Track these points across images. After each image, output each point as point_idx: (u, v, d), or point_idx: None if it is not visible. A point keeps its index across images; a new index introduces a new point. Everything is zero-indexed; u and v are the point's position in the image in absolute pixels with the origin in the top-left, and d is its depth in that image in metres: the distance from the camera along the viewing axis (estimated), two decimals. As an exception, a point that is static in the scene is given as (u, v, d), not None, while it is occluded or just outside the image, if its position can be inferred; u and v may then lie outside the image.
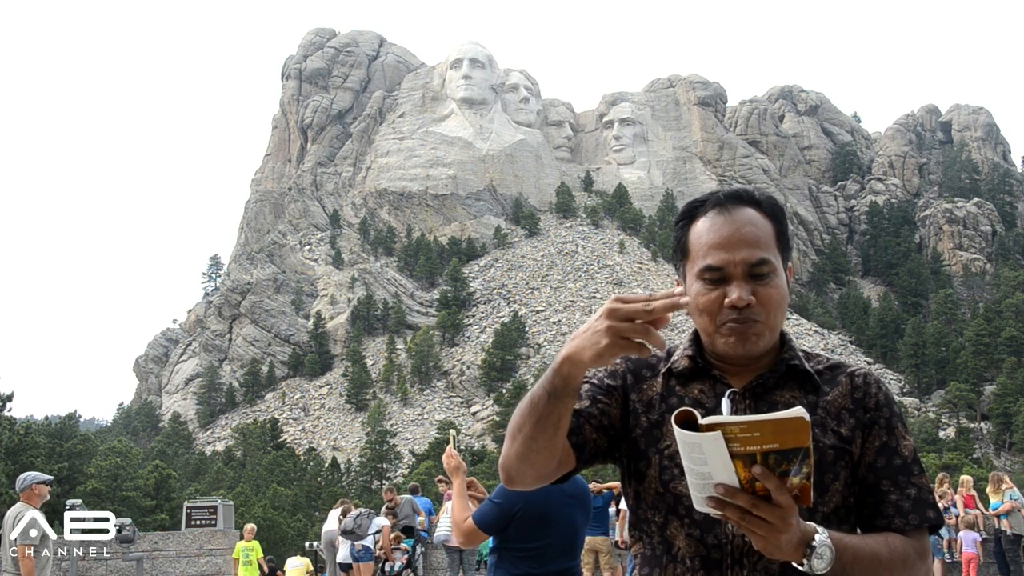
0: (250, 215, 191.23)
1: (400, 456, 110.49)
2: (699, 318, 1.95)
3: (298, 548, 38.73)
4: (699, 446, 1.52)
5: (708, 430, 1.51)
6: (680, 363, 2.02)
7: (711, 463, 1.53)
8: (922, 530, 1.86)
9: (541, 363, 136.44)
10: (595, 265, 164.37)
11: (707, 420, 1.52)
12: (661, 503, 1.93)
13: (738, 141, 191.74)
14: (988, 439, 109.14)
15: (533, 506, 4.59)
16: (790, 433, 1.50)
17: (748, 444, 1.50)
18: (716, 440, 1.50)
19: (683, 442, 1.55)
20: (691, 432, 1.52)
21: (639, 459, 1.98)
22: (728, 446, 1.51)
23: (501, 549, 4.66)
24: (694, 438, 1.52)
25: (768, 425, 1.50)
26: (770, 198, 2.02)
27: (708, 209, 1.98)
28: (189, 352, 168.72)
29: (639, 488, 1.98)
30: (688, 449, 1.55)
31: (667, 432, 1.93)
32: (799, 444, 1.51)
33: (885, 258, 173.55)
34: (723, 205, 1.96)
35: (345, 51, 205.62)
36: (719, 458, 1.52)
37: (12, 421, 47.40)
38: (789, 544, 1.60)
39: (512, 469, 1.91)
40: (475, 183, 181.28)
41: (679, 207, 2.19)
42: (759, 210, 1.97)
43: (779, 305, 1.91)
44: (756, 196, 2.00)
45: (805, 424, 1.50)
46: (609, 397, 2.01)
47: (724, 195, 1.99)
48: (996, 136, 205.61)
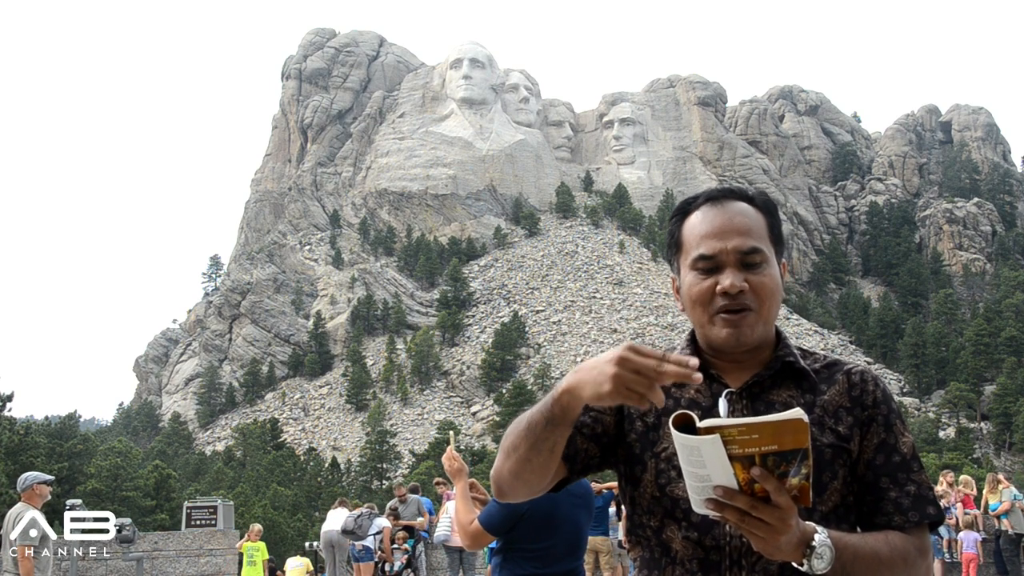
0: (250, 215, 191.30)
1: (400, 456, 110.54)
2: (693, 309, 1.96)
3: (298, 548, 38.77)
4: (697, 449, 1.52)
5: (706, 433, 1.50)
6: None
7: (709, 466, 1.53)
8: (922, 527, 1.86)
9: (541, 363, 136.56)
10: (595, 265, 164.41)
11: (705, 423, 1.52)
12: (657, 507, 1.92)
13: (738, 141, 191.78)
14: (988, 439, 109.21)
15: (539, 507, 4.55)
16: (789, 434, 1.50)
17: (746, 446, 1.50)
18: (714, 443, 1.50)
19: (681, 445, 1.54)
20: (689, 435, 1.52)
21: (635, 464, 1.97)
22: (726, 448, 1.50)
23: (506, 550, 4.63)
24: (692, 441, 1.51)
25: (767, 427, 1.50)
26: (762, 194, 2.04)
27: (701, 203, 2.01)
28: (189, 352, 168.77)
29: (634, 493, 1.98)
30: (686, 452, 1.54)
31: (664, 435, 1.93)
32: (798, 445, 1.51)
33: (885, 258, 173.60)
34: (716, 199, 1.99)
35: (345, 51, 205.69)
36: (717, 461, 1.52)
37: (12, 421, 47.45)
38: (789, 545, 1.60)
39: (505, 484, 1.93)
40: (475, 183, 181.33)
41: (679, 207, 2.27)
42: (751, 204, 1.99)
43: (772, 294, 1.91)
44: (748, 192, 2.03)
45: (804, 425, 1.50)
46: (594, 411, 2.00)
47: (716, 191, 2.03)
48: (996, 136, 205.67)
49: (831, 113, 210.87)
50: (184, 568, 19.16)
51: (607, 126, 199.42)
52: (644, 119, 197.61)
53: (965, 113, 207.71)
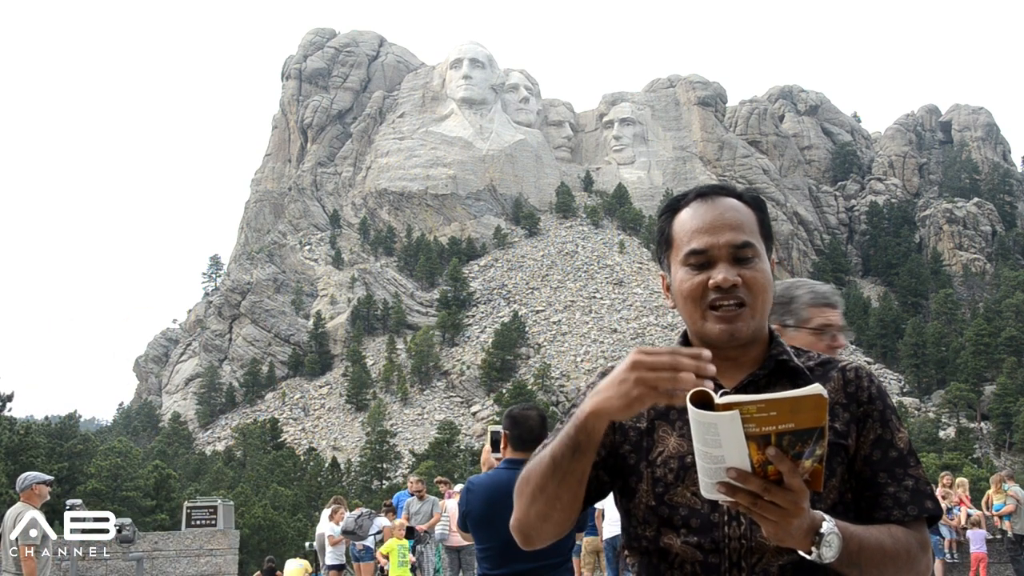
0: (250, 215, 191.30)
1: (400, 456, 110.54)
2: (685, 305, 1.95)
3: (298, 548, 38.80)
4: (715, 427, 1.49)
5: (725, 410, 1.48)
6: None
7: (725, 445, 1.50)
8: (921, 521, 1.86)
9: (541, 363, 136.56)
10: (595, 265, 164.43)
11: (724, 399, 1.49)
12: (653, 517, 1.89)
13: (738, 141, 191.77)
14: (988, 439, 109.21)
15: (478, 507, 4.66)
16: (808, 411, 1.48)
17: (764, 424, 1.48)
18: (733, 420, 1.47)
19: (697, 422, 1.51)
20: (707, 411, 1.49)
21: (629, 475, 1.94)
22: (743, 427, 1.48)
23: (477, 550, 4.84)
24: (710, 418, 1.49)
25: (786, 403, 1.47)
26: (751, 190, 2.04)
27: (691, 200, 2.01)
28: (189, 352, 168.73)
29: (629, 505, 1.95)
30: (702, 431, 1.51)
31: (658, 439, 1.91)
32: (816, 423, 1.49)
33: (885, 258, 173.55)
34: (705, 195, 1.99)
35: (345, 51, 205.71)
36: (734, 440, 1.49)
37: (12, 421, 47.52)
38: (799, 530, 1.58)
39: (532, 530, 1.90)
40: (475, 183, 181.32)
41: (680, 207, 2.22)
42: (741, 200, 2.00)
43: (764, 289, 1.90)
44: (737, 189, 2.03)
45: (823, 401, 1.48)
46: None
47: (706, 187, 2.03)
48: (996, 136, 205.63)
49: (831, 113, 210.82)
50: (184, 568, 19.13)
51: (607, 126, 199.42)
52: (644, 119, 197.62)
53: (965, 113, 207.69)
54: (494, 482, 4.68)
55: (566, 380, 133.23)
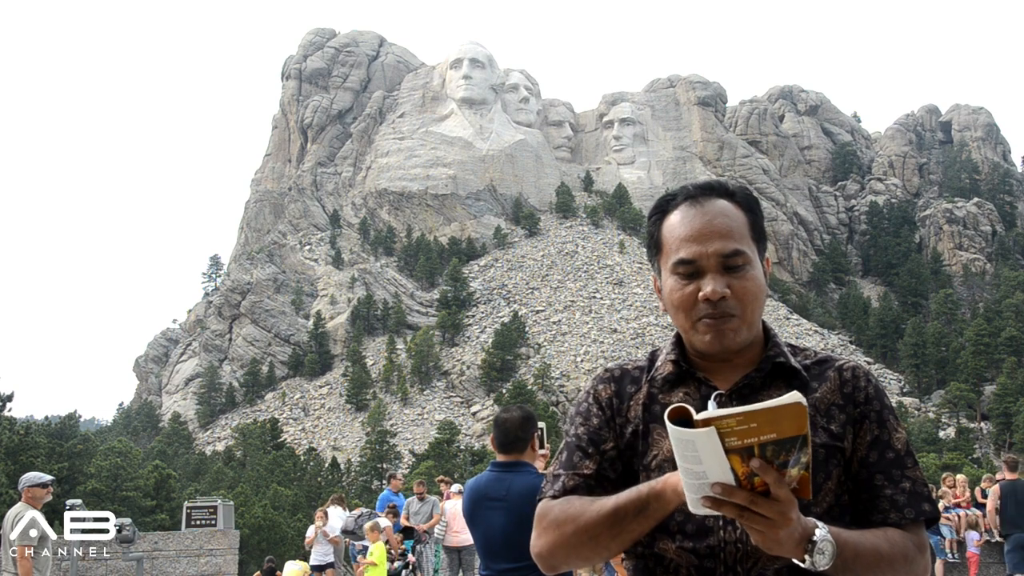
0: (250, 215, 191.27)
1: (400, 456, 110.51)
2: (675, 315, 1.91)
3: (298, 548, 38.80)
4: (692, 443, 1.47)
5: (703, 426, 1.46)
6: (663, 368, 1.97)
7: (705, 461, 1.48)
8: (919, 523, 1.83)
9: (541, 363, 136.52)
10: (595, 265, 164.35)
11: (701, 415, 1.47)
12: None
13: (738, 141, 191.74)
14: (988, 439, 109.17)
15: (465, 508, 4.86)
16: (788, 420, 1.46)
17: (745, 437, 1.46)
18: (710, 436, 1.45)
19: (676, 439, 1.49)
20: (684, 428, 1.48)
21: (626, 479, 1.92)
22: (724, 442, 1.46)
23: None
24: (687, 435, 1.47)
25: (764, 414, 1.45)
26: (743, 188, 1.98)
27: (680, 202, 1.94)
28: (189, 352, 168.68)
29: None
30: (682, 447, 1.49)
31: (652, 442, 1.89)
32: (798, 432, 1.47)
33: (885, 258, 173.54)
34: (695, 198, 1.92)
35: (345, 51, 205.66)
36: (714, 455, 1.47)
37: (12, 421, 47.50)
38: (790, 539, 1.55)
39: (560, 562, 1.86)
40: (475, 183, 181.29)
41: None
42: (732, 201, 1.93)
43: (755, 298, 1.86)
44: (729, 187, 1.96)
45: (803, 409, 1.46)
46: (601, 446, 1.96)
47: (695, 187, 1.96)
48: (996, 136, 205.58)
49: (831, 113, 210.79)
50: (184, 568, 19.12)
51: (607, 126, 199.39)
52: (644, 119, 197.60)
53: (965, 113, 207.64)
54: (477, 484, 4.84)
55: (566, 380, 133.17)
